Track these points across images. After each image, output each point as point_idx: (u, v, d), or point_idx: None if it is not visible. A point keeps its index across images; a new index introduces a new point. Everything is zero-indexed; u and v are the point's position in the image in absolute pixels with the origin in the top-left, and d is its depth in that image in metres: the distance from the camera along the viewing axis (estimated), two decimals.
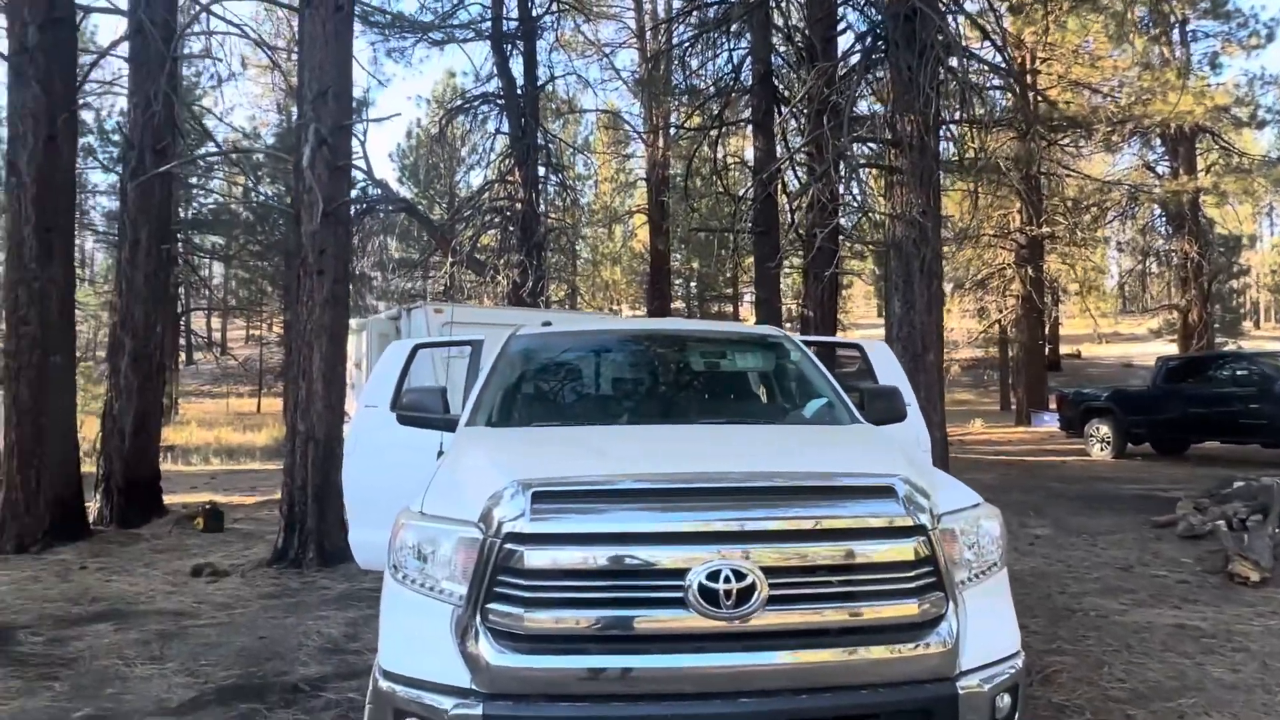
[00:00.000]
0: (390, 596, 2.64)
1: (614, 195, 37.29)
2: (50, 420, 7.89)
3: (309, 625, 5.57)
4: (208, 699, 4.39)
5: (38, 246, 7.80)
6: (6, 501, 7.77)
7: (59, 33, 8.13)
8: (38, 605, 6.04)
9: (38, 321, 7.79)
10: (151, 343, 9.98)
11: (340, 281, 7.44)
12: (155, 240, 10.01)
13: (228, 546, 8.27)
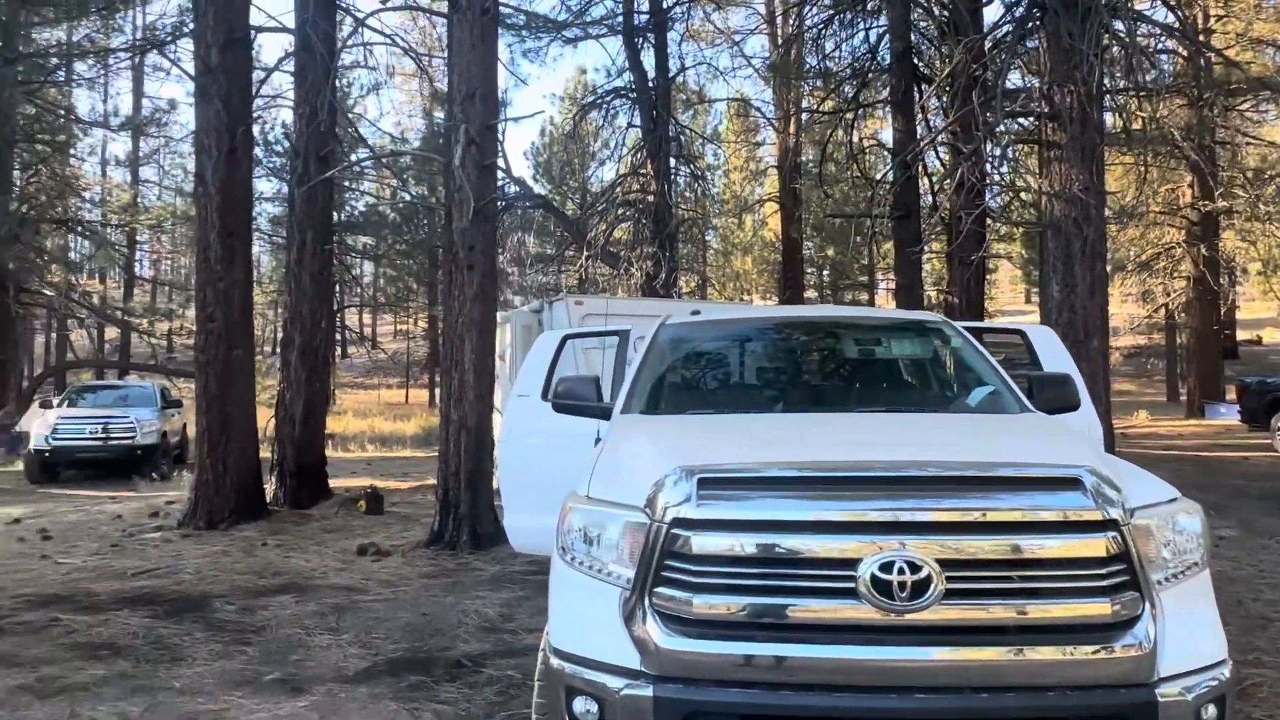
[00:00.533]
0: (559, 577, 2.72)
1: (744, 184, 36.93)
2: (234, 409, 8.62)
3: (467, 604, 5.83)
4: (380, 669, 4.68)
5: (222, 251, 8.53)
6: (199, 483, 8.57)
7: (237, 53, 8.84)
8: (229, 577, 6.61)
9: (222, 319, 8.52)
10: (317, 337, 10.72)
11: (488, 276, 7.73)
12: (319, 242, 10.73)
13: (388, 528, 8.77)
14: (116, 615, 5.53)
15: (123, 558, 7.39)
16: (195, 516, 8.46)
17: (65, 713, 4.00)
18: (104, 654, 4.83)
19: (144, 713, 4.02)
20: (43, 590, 6.25)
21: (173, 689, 4.34)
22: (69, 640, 5.07)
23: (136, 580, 6.52)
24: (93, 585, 6.38)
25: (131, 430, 15.06)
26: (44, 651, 4.87)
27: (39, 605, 5.83)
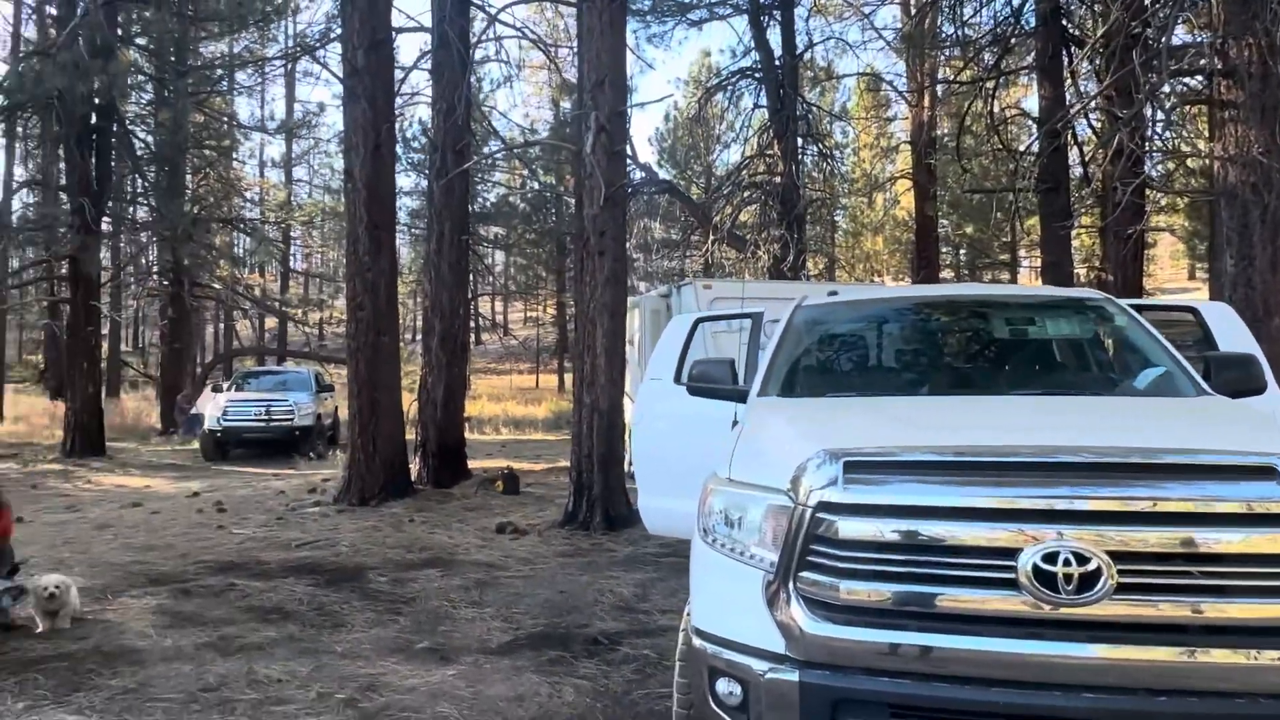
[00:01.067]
0: (700, 558, 2.72)
1: (874, 162, 35.71)
2: (382, 393, 9.12)
3: (602, 584, 5.95)
4: (521, 643, 4.84)
5: (369, 243, 9.02)
6: (351, 462, 9.14)
7: (380, 54, 9.30)
8: (381, 551, 7.02)
9: (370, 308, 9.03)
10: (456, 324, 11.17)
11: (619, 261, 7.82)
12: (457, 232, 11.16)
13: (524, 508, 9.07)
14: (284, 582, 5.98)
15: (287, 530, 7.98)
16: (349, 493, 9.03)
17: (243, 669, 4.35)
18: (274, 618, 5.24)
19: (311, 673, 4.33)
20: (220, 557, 6.84)
21: (334, 652, 4.65)
22: (245, 603, 5.52)
23: (299, 551, 7.03)
24: (262, 554, 6.93)
25: (290, 413, 16.22)
26: (224, 613, 5.33)
27: (218, 570, 6.38)
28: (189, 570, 6.42)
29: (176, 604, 5.52)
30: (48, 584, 4.86)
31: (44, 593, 4.83)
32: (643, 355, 10.22)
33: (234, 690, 4.09)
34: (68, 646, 4.69)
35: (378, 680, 4.23)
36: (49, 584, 4.86)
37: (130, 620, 5.18)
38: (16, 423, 23.55)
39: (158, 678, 4.24)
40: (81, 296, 16.25)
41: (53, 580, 4.89)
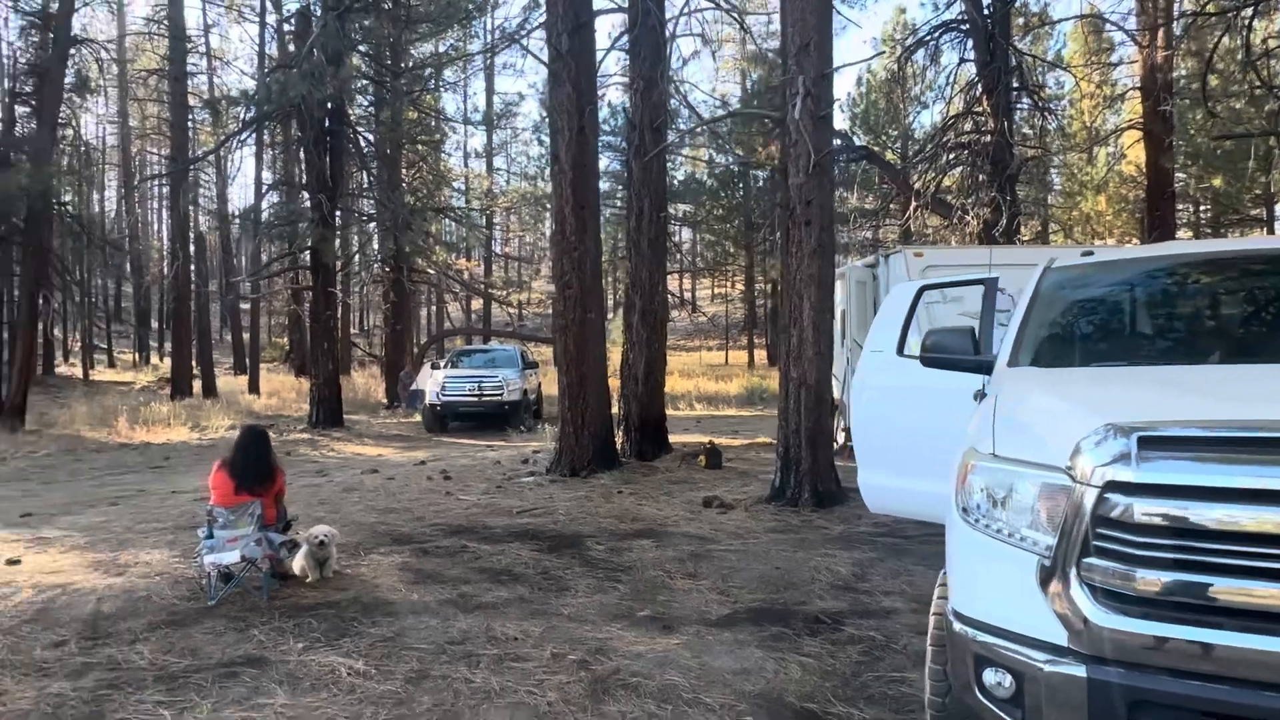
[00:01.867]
0: (960, 538, 2.53)
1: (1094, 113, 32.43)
2: (589, 368, 9.43)
3: (817, 561, 5.81)
4: (740, 617, 4.82)
5: (575, 222, 9.31)
6: (561, 435, 9.53)
7: (583, 37, 9.52)
8: (595, 520, 7.26)
9: (577, 286, 9.33)
10: (655, 300, 11.31)
11: (826, 231, 7.56)
12: (655, 209, 11.27)
13: (728, 483, 9.07)
14: (510, 547, 6.33)
15: (506, 498, 8.45)
16: (559, 465, 9.43)
17: (482, 626, 4.63)
18: (504, 579, 5.55)
19: (543, 633, 4.53)
20: (451, 521, 7.35)
21: (562, 615, 4.84)
22: (477, 565, 5.89)
23: (521, 518, 7.42)
24: (487, 520, 7.38)
25: (500, 389, 17.22)
26: (460, 573, 5.71)
27: (450, 533, 6.86)
28: (425, 532, 6.95)
29: (418, 562, 5.98)
30: (317, 533, 5.42)
31: (314, 540, 5.38)
32: (847, 327, 9.88)
33: (476, 645, 4.36)
34: (333, 596, 5.20)
35: (606, 645, 4.36)
36: (318, 533, 5.41)
37: (381, 575, 5.67)
38: (270, 398, 26.65)
39: (410, 629, 4.61)
40: (321, 284, 18.05)
41: (321, 530, 5.45)
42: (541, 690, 3.81)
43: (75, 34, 20.88)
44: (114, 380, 36.08)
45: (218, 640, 4.50)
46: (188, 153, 27.13)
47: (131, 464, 13.63)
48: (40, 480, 11.89)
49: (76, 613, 5.00)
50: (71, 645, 4.45)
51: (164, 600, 5.20)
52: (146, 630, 4.67)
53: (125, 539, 7.15)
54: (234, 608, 5.02)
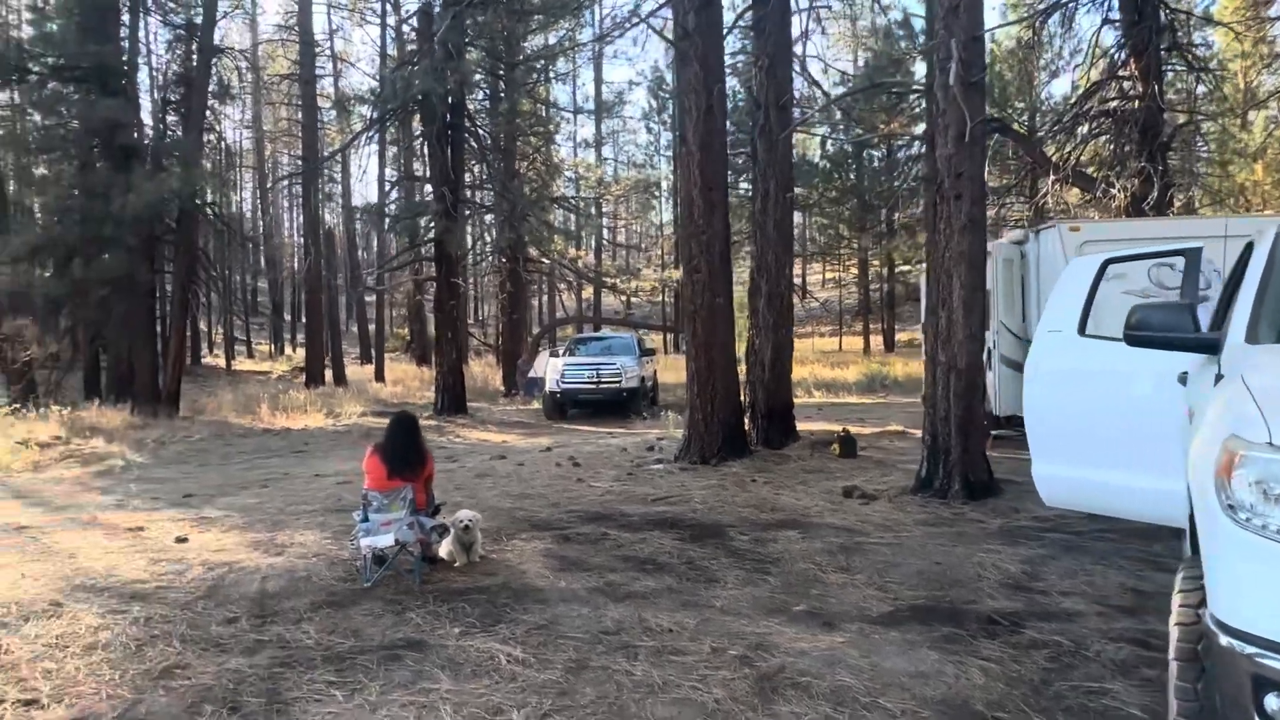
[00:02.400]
0: (1225, 539, 2.20)
1: (1249, 74, 29.74)
2: (717, 354, 9.22)
3: (981, 558, 5.43)
4: (904, 615, 4.53)
5: (703, 205, 9.10)
6: (690, 421, 9.37)
7: (710, 14, 9.28)
8: (733, 509, 7.07)
9: (705, 269, 9.12)
10: (782, 284, 10.99)
11: (977, 204, 7.08)
12: (781, 190, 10.93)
13: (865, 472, 8.70)
14: (651, 535, 6.21)
15: (638, 485, 8.37)
16: (688, 452, 9.28)
17: (634, 616, 4.52)
18: (649, 568, 5.43)
19: (698, 626, 4.38)
20: (587, 508, 7.31)
21: (714, 607, 4.68)
22: (620, 553, 5.80)
23: (656, 506, 7.31)
24: (623, 506, 7.30)
25: (618, 376, 17.24)
26: (604, 560, 5.63)
27: (588, 520, 6.82)
28: (563, 518, 6.93)
29: (560, 549, 5.95)
30: (463, 517, 5.45)
31: (460, 525, 5.41)
32: (993, 309, 9.30)
33: (631, 636, 4.25)
34: (482, 581, 5.21)
35: (765, 640, 4.16)
36: (464, 517, 5.44)
37: (526, 561, 5.66)
38: (395, 385, 27.70)
39: (562, 617, 4.54)
40: (445, 274, 18.53)
41: (467, 514, 5.48)
42: (706, 686, 3.65)
43: (215, 44, 22.14)
44: (253, 370, 38.42)
45: (377, 622, 4.57)
46: (318, 152, 28.45)
47: (275, 448, 14.35)
48: (197, 463, 12.66)
49: (244, 590, 5.19)
50: (243, 622, 4.60)
51: (323, 581, 5.33)
52: (309, 610, 4.79)
53: (279, 520, 7.45)
54: (388, 590, 5.10)
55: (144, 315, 19.32)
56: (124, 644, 4.28)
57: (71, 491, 9.90)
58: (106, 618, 4.69)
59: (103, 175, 18.87)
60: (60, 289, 18.51)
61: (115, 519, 7.88)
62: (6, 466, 12.03)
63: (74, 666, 4.00)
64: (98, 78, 19.37)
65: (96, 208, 18.01)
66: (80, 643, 4.30)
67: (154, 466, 12.38)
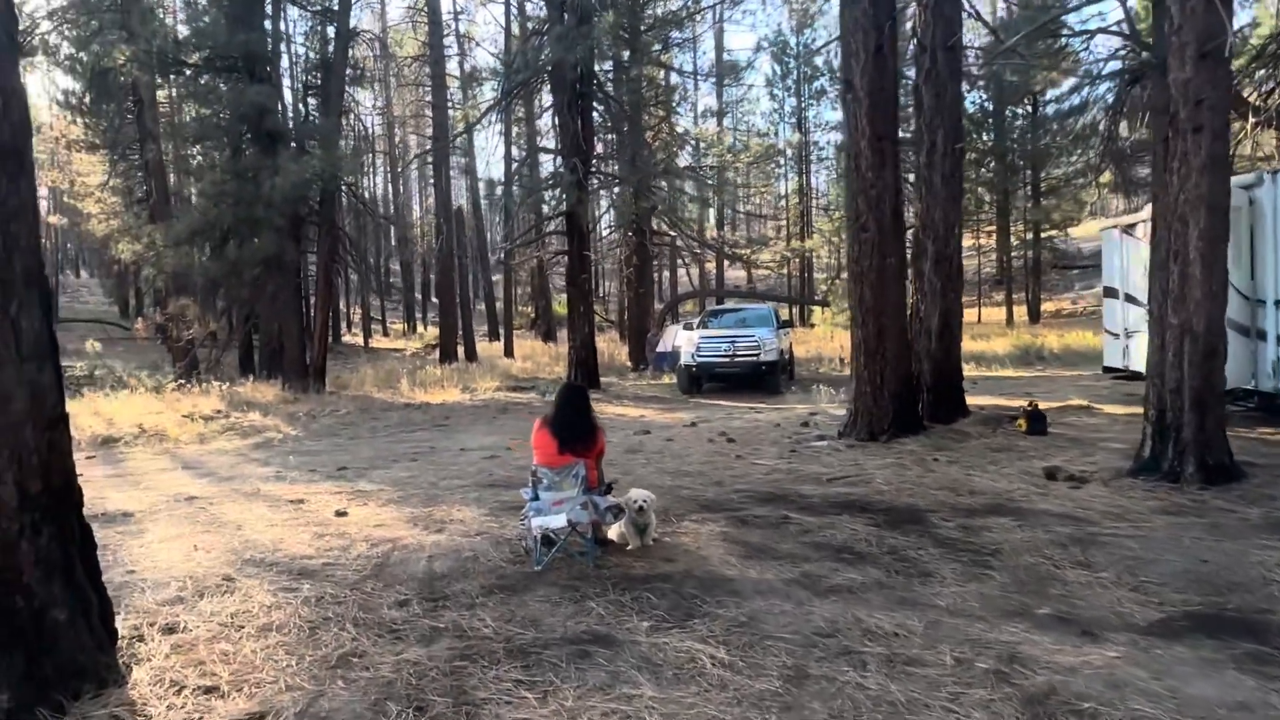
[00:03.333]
0: None
1: None
2: (888, 320, 8.41)
3: (1258, 555, 4.52)
4: (1180, 625, 3.74)
5: (872, 156, 8.27)
6: (857, 394, 8.60)
7: None
8: (923, 491, 6.33)
9: (875, 228, 8.30)
10: (951, 244, 10.00)
11: (1220, 139, 5.99)
12: (950, 141, 9.91)
13: (1061, 451, 7.73)
14: (838, 519, 5.57)
15: (805, 463, 7.72)
16: (855, 428, 8.54)
17: (847, 615, 3.92)
18: (848, 558, 4.80)
19: (926, 629, 3.74)
20: (756, 487, 6.73)
21: (939, 607, 4.02)
22: (808, 539, 5.20)
23: (834, 486, 6.64)
24: (797, 487, 6.67)
25: (756, 348, 16.52)
26: (791, 547, 5.04)
27: (762, 501, 6.24)
28: (733, 499, 6.37)
29: (739, 533, 5.40)
30: (637, 497, 4.97)
31: (634, 505, 4.94)
32: None
33: (850, 639, 3.65)
34: (662, 567, 4.73)
35: (1016, 651, 3.48)
36: (638, 498, 4.97)
37: (704, 546, 5.13)
38: (525, 361, 27.92)
39: (763, 613, 3.99)
40: (577, 247, 18.28)
41: (641, 494, 5.00)
42: (963, 709, 3.02)
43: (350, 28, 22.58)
44: (388, 347, 39.83)
45: (555, 611, 4.15)
46: (447, 132, 28.85)
47: (418, 422, 14.48)
48: (346, 436, 12.87)
49: (411, 570, 4.90)
50: (415, 606, 4.29)
51: (490, 562, 4.99)
52: (481, 594, 4.43)
53: (433, 494, 7.24)
54: (561, 574, 4.69)
55: (292, 294, 20.02)
56: (298, 626, 4.03)
57: (234, 463, 10.14)
58: (278, 596, 4.48)
59: (252, 160, 19.61)
60: (217, 269, 19.39)
61: (277, 490, 7.91)
62: (176, 438, 12.57)
63: (250, 650, 3.76)
64: (246, 66, 20.08)
65: (247, 191, 18.71)
66: (255, 623, 4.08)
67: (307, 439, 12.66)
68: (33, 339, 3.19)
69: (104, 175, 28.02)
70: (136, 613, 4.23)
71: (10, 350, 3.10)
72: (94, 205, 27.59)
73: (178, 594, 4.57)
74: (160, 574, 4.97)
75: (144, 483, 8.74)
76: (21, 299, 3.15)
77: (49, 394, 3.26)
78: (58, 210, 34.15)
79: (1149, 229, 10.49)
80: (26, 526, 3.13)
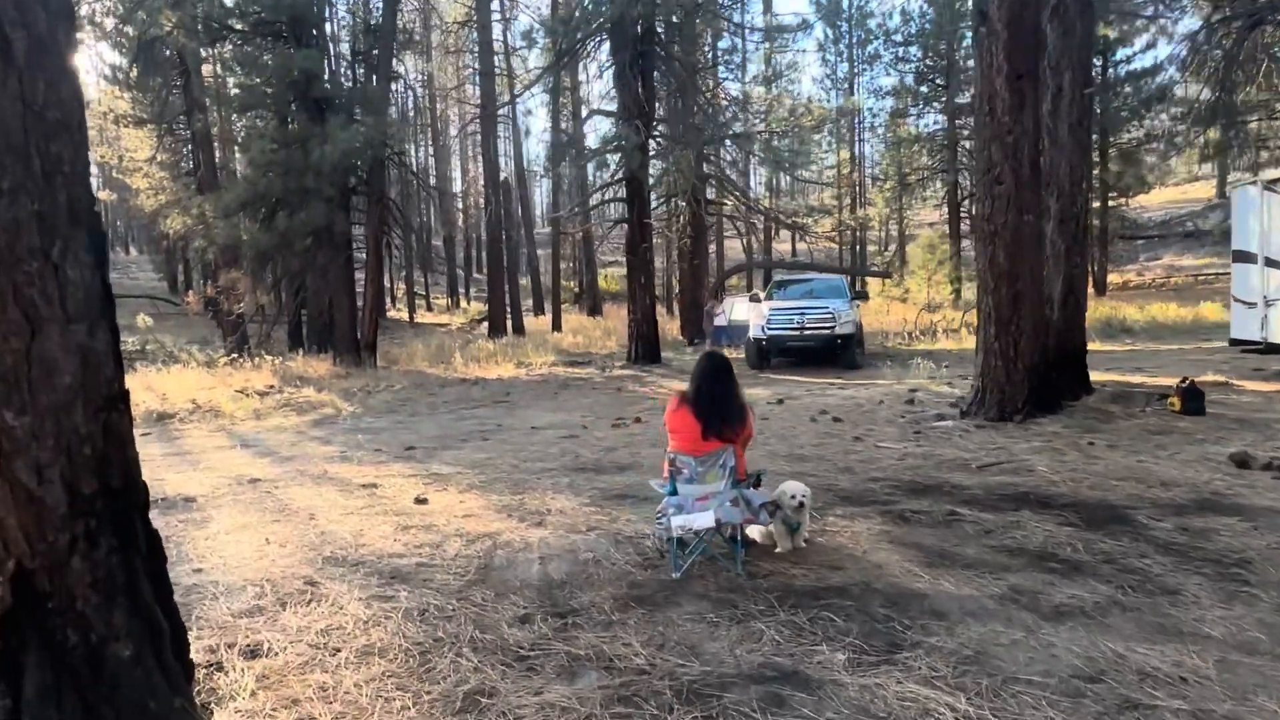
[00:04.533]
0: None
1: None
2: (1024, 285, 7.43)
3: None
4: None
5: (1010, 98, 7.25)
6: (985, 368, 7.66)
7: None
8: (1100, 481, 5.40)
9: (1011, 180, 7.30)
10: (1078, 202, 8.97)
11: None
12: (1078, 85, 8.85)
13: (1233, 433, 6.74)
14: (1020, 516, 4.69)
15: (936, 446, 6.81)
16: (982, 405, 7.60)
17: (1098, 647, 3.07)
18: (1056, 567, 3.93)
19: (1219, 671, 2.87)
20: (896, 476, 5.86)
21: (1213, 639, 3.14)
22: (994, 541, 4.33)
23: (991, 475, 5.73)
24: (945, 475, 5.79)
25: (830, 320, 15.54)
26: (979, 553, 4.18)
27: (913, 492, 5.37)
28: (874, 489, 5.51)
29: (904, 532, 4.54)
30: (794, 492, 4.14)
31: (794, 501, 4.12)
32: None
33: (1125, 685, 2.80)
34: (828, 577, 3.90)
35: None
36: (795, 492, 4.14)
37: (869, 549, 4.29)
38: (575, 336, 27.21)
39: (987, 642, 3.15)
40: (637, 214, 17.40)
41: (797, 488, 4.17)
42: None
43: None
44: (434, 322, 39.40)
45: (715, 634, 3.36)
46: (494, 99, 28.01)
47: (477, 398, 13.81)
48: (407, 412, 12.23)
49: (523, 575, 4.14)
50: (540, 624, 3.53)
51: (615, 566, 4.21)
52: (616, 609, 3.65)
53: (519, 480, 6.51)
54: (706, 584, 3.89)
55: (342, 266, 19.45)
56: (404, 649, 3.29)
57: (294, 441, 9.53)
58: (373, 606, 3.75)
59: (300, 128, 18.99)
60: (267, 241, 18.87)
61: (345, 472, 7.25)
62: (231, 414, 12.04)
63: (353, 683, 3.02)
64: (292, 31, 19.43)
65: (296, 160, 18.11)
66: (352, 644, 3.35)
67: (366, 415, 12.05)
68: (83, 293, 2.43)
69: (151, 150, 27.73)
70: (211, 628, 3.54)
71: (55, 306, 2.35)
72: (142, 180, 27.30)
73: (255, 602, 3.86)
74: (232, 575, 4.28)
75: (203, 462, 8.14)
76: (67, 240, 2.39)
77: (104, 365, 2.51)
78: (106, 186, 34.09)
79: None
80: (79, 538, 2.40)
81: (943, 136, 40.15)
